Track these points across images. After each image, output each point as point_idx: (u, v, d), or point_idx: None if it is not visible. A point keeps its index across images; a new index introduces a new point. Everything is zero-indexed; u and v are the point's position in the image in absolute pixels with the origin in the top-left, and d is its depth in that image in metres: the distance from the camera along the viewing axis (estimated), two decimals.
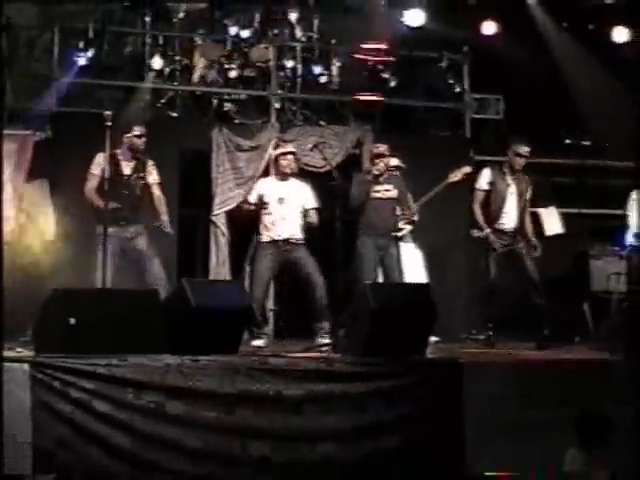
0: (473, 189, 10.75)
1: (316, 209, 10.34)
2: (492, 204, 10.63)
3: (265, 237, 10.25)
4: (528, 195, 10.72)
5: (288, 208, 10.23)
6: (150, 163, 10.02)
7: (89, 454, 7.53)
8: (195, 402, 7.83)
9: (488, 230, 10.57)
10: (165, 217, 9.92)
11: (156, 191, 9.99)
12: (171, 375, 7.83)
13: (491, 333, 10.55)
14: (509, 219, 10.62)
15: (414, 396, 8.37)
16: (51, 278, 9.91)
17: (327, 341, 9.73)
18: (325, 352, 9.38)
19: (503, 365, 9.13)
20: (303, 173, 10.89)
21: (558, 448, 8.24)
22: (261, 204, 10.22)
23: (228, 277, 11.33)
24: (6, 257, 10.18)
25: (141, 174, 9.95)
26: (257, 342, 9.88)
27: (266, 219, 10.24)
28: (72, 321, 7.89)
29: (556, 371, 8.99)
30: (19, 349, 8.36)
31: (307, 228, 10.26)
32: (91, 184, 9.83)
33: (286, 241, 10.17)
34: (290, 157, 10.45)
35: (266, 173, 11.51)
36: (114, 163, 9.85)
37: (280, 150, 10.63)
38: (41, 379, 7.50)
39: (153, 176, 10.01)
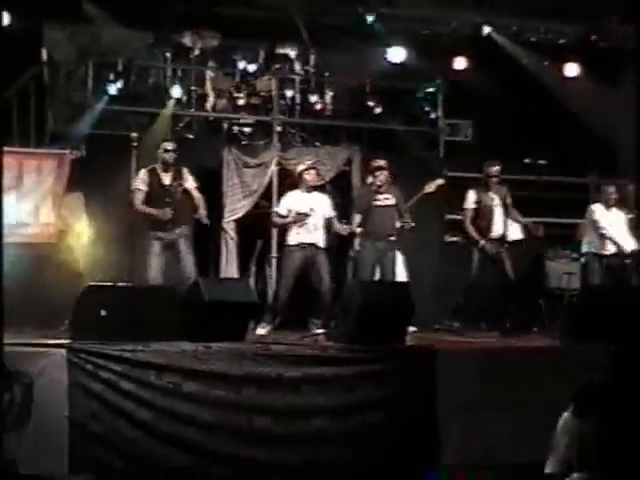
0: (463, 209, 10.77)
1: (336, 218, 10.35)
2: (482, 219, 10.61)
3: (293, 240, 10.13)
4: (508, 200, 10.77)
5: (316, 217, 10.15)
6: (185, 171, 10.01)
7: (116, 426, 7.57)
8: (208, 382, 7.85)
9: (483, 241, 10.54)
10: (203, 211, 9.91)
11: (195, 193, 9.94)
12: (187, 359, 7.85)
13: (460, 322, 10.60)
14: (498, 227, 10.63)
15: (395, 378, 8.38)
16: (86, 275, 9.93)
17: (321, 331, 9.72)
18: (319, 340, 9.40)
19: (471, 351, 9.15)
20: None
21: (515, 421, 8.32)
22: (299, 215, 10.10)
23: (236, 275, 11.32)
24: (47, 257, 10.32)
25: (179, 182, 9.94)
26: (260, 331, 9.84)
27: (296, 226, 10.16)
28: (103, 313, 7.91)
29: (516, 357, 9.00)
30: (58, 337, 8.37)
31: (331, 234, 10.27)
32: (138, 198, 9.83)
33: (312, 245, 10.10)
34: (313, 172, 10.38)
35: (269, 187, 11.56)
36: (155, 176, 9.89)
37: (302, 166, 10.56)
38: (76, 362, 7.54)
39: (190, 181, 9.99)
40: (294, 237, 10.11)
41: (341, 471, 8.05)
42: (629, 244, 10.92)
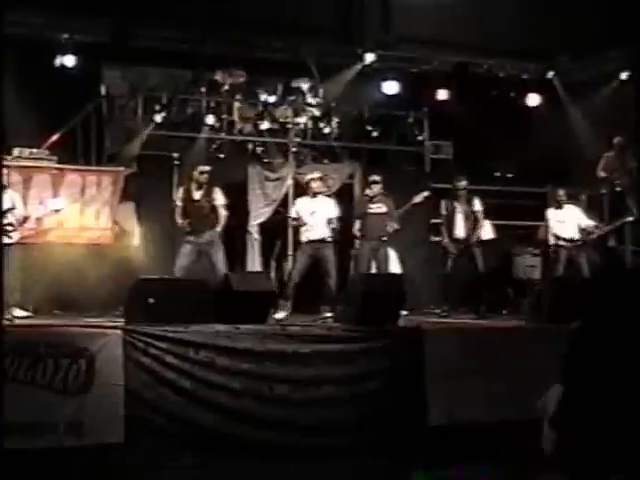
0: (439, 215, 10.94)
1: (338, 218, 10.34)
2: (448, 223, 10.72)
3: (304, 238, 10.17)
4: (476, 206, 10.74)
5: (320, 217, 10.14)
6: (216, 189, 9.97)
7: (162, 393, 7.57)
8: (236, 357, 7.84)
9: (446, 240, 10.68)
10: (219, 229, 9.90)
11: (221, 211, 9.92)
12: (219, 338, 7.85)
13: (445, 308, 10.60)
14: (459, 230, 10.67)
15: (390, 353, 8.35)
16: (137, 270, 9.93)
17: (329, 314, 9.70)
18: (327, 322, 9.38)
19: (452, 330, 9.12)
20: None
21: (488, 386, 8.28)
22: (301, 220, 10.16)
23: (259, 269, 11.30)
24: (106, 255, 10.34)
25: (208, 198, 9.90)
26: (279, 315, 9.81)
27: (305, 226, 10.18)
28: (151, 300, 7.91)
29: (489, 334, 8.97)
30: (115, 320, 8.37)
31: (333, 231, 10.22)
32: (177, 212, 9.87)
33: (319, 241, 10.09)
34: (318, 181, 10.42)
35: (285, 197, 11.56)
36: (187, 193, 9.89)
37: (310, 176, 10.56)
38: (129, 340, 7.53)
39: (219, 199, 9.96)
40: (305, 235, 10.17)
41: (345, 429, 8.02)
42: (586, 222, 11.04)
